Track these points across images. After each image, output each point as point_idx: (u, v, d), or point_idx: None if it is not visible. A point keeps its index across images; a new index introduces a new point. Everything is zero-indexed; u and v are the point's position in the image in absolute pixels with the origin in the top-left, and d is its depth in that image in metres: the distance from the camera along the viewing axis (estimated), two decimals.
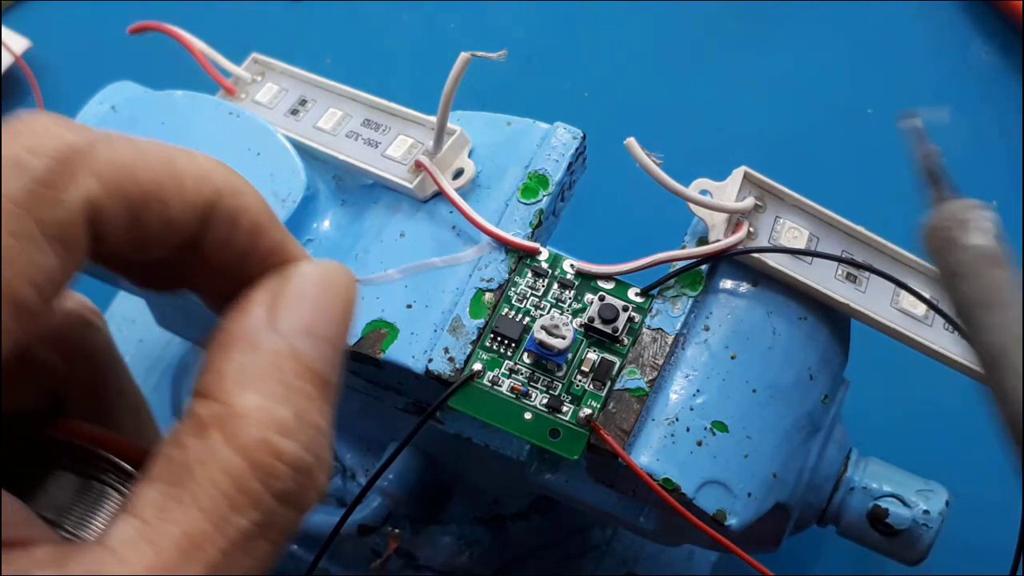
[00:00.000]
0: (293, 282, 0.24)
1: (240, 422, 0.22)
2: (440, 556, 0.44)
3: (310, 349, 0.23)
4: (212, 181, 0.23)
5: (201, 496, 0.21)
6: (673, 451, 0.32)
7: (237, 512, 0.21)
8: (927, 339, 0.34)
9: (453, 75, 0.34)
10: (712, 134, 0.60)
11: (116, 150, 0.22)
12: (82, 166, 0.21)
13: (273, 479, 0.22)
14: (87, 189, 0.21)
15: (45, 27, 0.64)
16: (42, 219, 0.21)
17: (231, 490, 0.22)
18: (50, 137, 0.21)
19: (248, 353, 0.23)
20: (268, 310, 0.24)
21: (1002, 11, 0.63)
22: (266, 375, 0.23)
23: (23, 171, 0.21)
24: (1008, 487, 0.37)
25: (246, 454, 0.22)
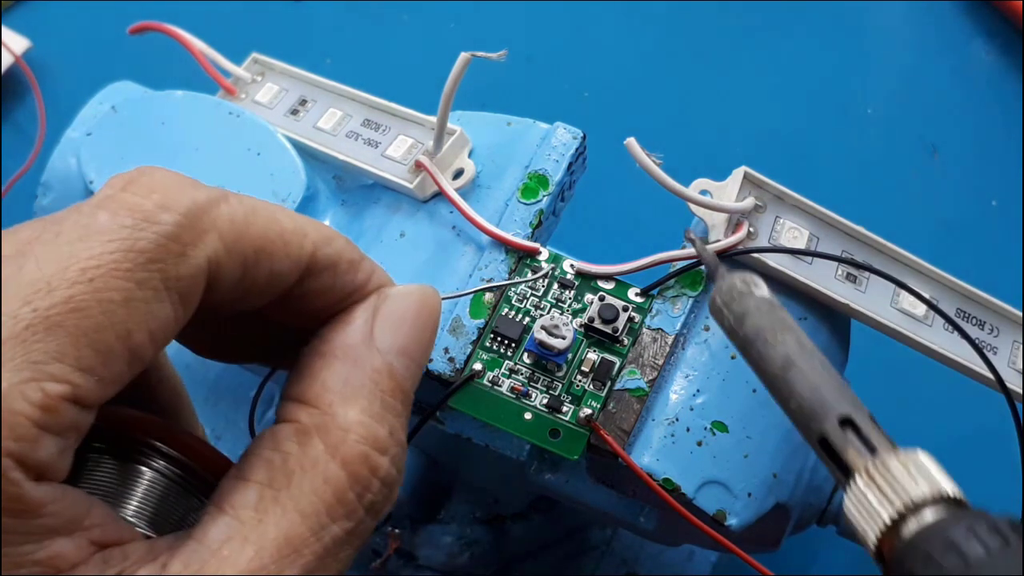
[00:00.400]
0: (393, 303, 0.26)
1: (343, 435, 0.23)
2: (440, 556, 0.44)
3: (403, 369, 0.25)
4: (309, 234, 0.25)
5: (303, 502, 0.22)
6: (673, 451, 0.32)
7: (334, 520, 0.23)
8: (927, 339, 0.34)
9: (453, 75, 0.34)
10: (712, 134, 0.60)
11: (234, 209, 0.23)
12: (208, 224, 0.22)
13: (367, 492, 0.23)
14: (211, 247, 0.22)
15: (45, 27, 0.64)
16: (167, 273, 0.22)
17: (331, 499, 0.23)
18: (180, 194, 0.22)
19: (350, 367, 0.24)
20: (368, 327, 0.25)
21: (1002, 11, 0.63)
22: (366, 391, 0.24)
23: (154, 225, 0.22)
24: (1008, 487, 0.37)
25: (347, 467, 0.23)
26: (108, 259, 0.21)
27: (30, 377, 0.20)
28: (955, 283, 0.36)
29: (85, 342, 0.20)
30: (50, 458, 0.20)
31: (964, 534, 0.20)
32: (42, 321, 0.20)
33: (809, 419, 0.24)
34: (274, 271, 0.24)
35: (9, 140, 0.60)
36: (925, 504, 0.22)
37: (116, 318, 0.21)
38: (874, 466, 0.22)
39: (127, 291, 0.21)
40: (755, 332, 0.26)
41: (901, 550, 0.21)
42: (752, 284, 0.27)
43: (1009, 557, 0.20)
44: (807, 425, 0.24)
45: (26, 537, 0.20)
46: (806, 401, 0.24)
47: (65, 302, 0.20)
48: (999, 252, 0.56)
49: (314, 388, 0.24)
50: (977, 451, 0.49)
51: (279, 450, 0.23)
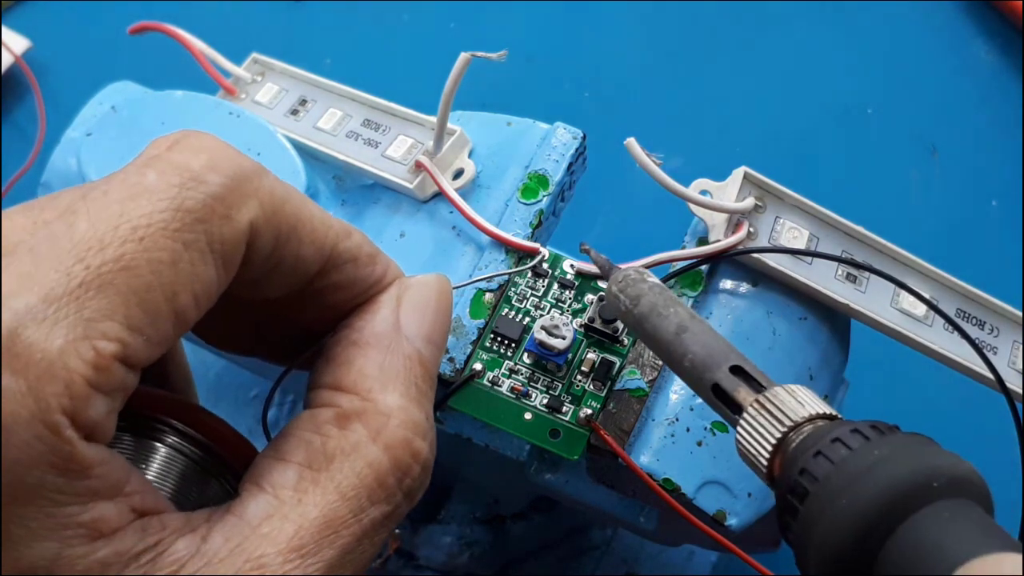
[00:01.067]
0: (415, 292, 0.26)
1: (384, 420, 0.24)
2: (440, 556, 0.44)
3: (430, 355, 0.26)
4: (334, 225, 0.25)
5: (344, 484, 0.23)
6: (673, 451, 0.32)
7: (373, 504, 0.23)
8: (927, 339, 0.34)
9: (453, 75, 0.34)
10: (712, 134, 0.60)
11: (273, 182, 0.23)
12: (250, 191, 0.23)
13: (406, 477, 0.24)
14: (253, 212, 0.22)
15: (45, 27, 0.64)
16: (212, 235, 0.22)
17: (373, 483, 0.23)
18: (226, 157, 0.22)
19: (384, 354, 0.25)
20: (395, 316, 0.25)
21: (1002, 11, 0.63)
22: (402, 377, 0.25)
23: (202, 185, 0.22)
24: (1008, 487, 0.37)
25: (390, 451, 0.23)
26: (158, 218, 0.21)
27: (83, 334, 0.20)
28: (955, 283, 0.36)
29: (135, 301, 0.20)
30: (100, 418, 0.20)
31: (831, 439, 0.23)
32: (95, 279, 0.20)
33: (702, 371, 0.26)
34: (300, 255, 0.24)
35: (9, 140, 0.60)
36: (807, 421, 0.24)
37: (164, 278, 0.21)
38: (764, 396, 0.25)
39: (175, 251, 0.21)
40: (649, 307, 0.28)
41: (786, 464, 0.24)
42: (644, 273, 0.30)
43: (867, 450, 0.22)
44: (700, 377, 0.26)
45: (73, 498, 0.20)
46: (698, 356, 0.27)
47: (116, 260, 0.20)
48: (999, 252, 0.56)
49: (351, 375, 0.24)
50: (977, 451, 0.49)
51: (319, 433, 0.23)
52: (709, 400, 0.27)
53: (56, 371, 0.19)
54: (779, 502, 0.24)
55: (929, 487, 0.21)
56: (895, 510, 0.21)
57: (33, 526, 0.20)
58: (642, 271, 0.30)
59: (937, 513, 0.21)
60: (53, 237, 0.21)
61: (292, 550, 0.22)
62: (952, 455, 0.22)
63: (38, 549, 0.20)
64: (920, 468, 0.21)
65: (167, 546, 0.21)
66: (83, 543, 0.20)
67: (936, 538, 0.20)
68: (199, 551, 0.21)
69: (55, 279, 0.20)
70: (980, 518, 0.21)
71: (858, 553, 0.21)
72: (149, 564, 0.21)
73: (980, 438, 0.49)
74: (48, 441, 0.19)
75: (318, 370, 0.25)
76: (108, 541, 0.21)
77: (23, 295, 0.20)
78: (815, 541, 0.22)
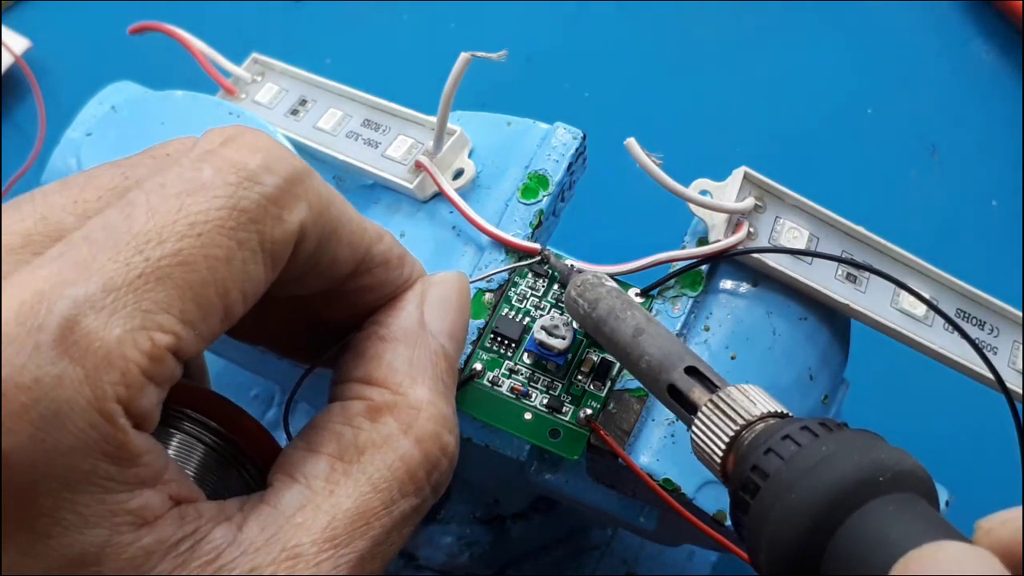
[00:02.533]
0: (438, 288, 0.27)
1: (415, 413, 0.24)
2: (440, 556, 0.44)
3: (453, 351, 0.26)
4: (368, 229, 0.25)
5: (376, 476, 0.23)
6: (673, 451, 0.32)
7: (404, 496, 0.23)
8: (927, 339, 0.34)
9: (453, 75, 0.34)
10: (712, 134, 0.60)
11: (320, 184, 0.24)
12: (302, 192, 0.23)
13: (435, 470, 0.24)
14: (303, 214, 0.23)
15: (45, 27, 0.64)
16: (264, 234, 0.22)
17: (404, 476, 0.23)
18: (281, 158, 0.23)
19: (412, 349, 0.25)
20: (420, 312, 0.26)
21: (1002, 11, 0.63)
22: (430, 372, 0.25)
23: (257, 185, 0.22)
24: (1008, 487, 0.37)
25: (421, 444, 0.24)
26: (215, 215, 0.21)
27: (141, 325, 0.20)
28: (955, 283, 0.36)
29: (190, 295, 0.21)
30: (150, 408, 0.21)
31: (781, 436, 0.23)
32: (154, 271, 0.20)
33: (658, 372, 0.27)
34: (337, 257, 0.24)
35: (9, 140, 0.60)
36: (759, 419, 0.25)
37: (218, 275, 0.21)
38: (717, 396, 0.26)
39: (229, 249, 0.21)
40: (607, 311, 0.29)
41: (739, 461, 0.24)
42: (602, 278, 0.31)
43: (816, 446, 0.23)
44: (656, 378, 0.27)
45: (122, 485, 0.20)
46: (655, 358, 0.27)
47: (175, 254, 0.21)
48: (999, 252, 0.56)
49: (381, 369, 0.25)
50: (977, 451, 0.49)
51: (351, 425, 0.24)
52: (665, 400, 0.27)
53: (113, 360, 0.20)
54: (732, 498, 0.24)
55: (875, 481, 0.21)
56: (842, 504, 0.21)
57: (85, 512, 0.20)
58: (600, 275, 0.31)
59: (883, 506, 0.21)
60: (110, 226, 0.21)
61: (326, 540, 0.22)
62: (898, 450, 0.23)
63: (89, 535, 0.20)
64: (866, 463, 0.22)
65: (204, 534, 0.21)
66: (130, 530, 0.20)
67: (882, 530, 0.21)
68: (235, 540, 0.22)
69: (114, 269, 0.20)
70: (924, 511, 0.21)
71: (807, 546, 0.22)
72: (188, 552, 0.21)
73: (980, 438, 0.49)
74: (102, 429, 0.20)
75: (346, 364, 0.26)
76: (151, 529, 0.21)
77: (82, 283, 0.20)
78: (766, 535, 0.22)
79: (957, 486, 0.38)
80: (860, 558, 0.21)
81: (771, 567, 0.22)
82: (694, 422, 0.26)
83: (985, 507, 0.22)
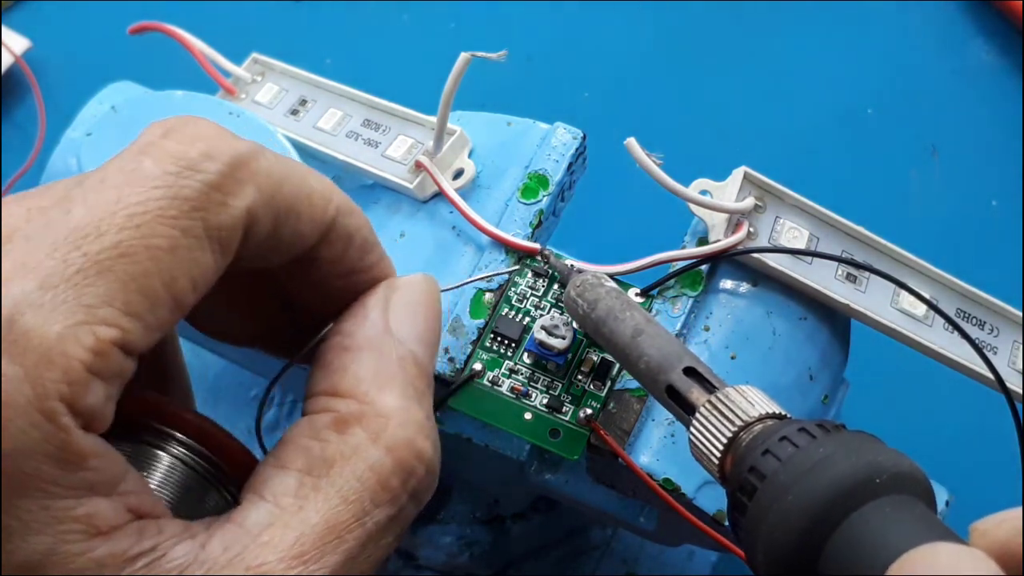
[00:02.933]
0: (404, 292, 0.26)
1: (384, 422, 0.23)
2: (440, 556, 0.44)
3: (424, 356, 0.25)
4: (334, 200, 0.25)
5: (345, 488, 0.22)
6: (673, 451, 0.32)
7: (377, 507, 0.23)
8: (927, 339, 0.34)
9: (453, 75, 0.34)
10: (712, 134, 0.60)
11: (271, 163, 0.23)
12: (247, 176, 0.22)
13: (411, 477, 0.23)
14: (250, 198, 0.22)
15: (45, 27, 0.64)
16: (209, 221, 0.22)
17: (376, 486, 0.23)
18: (223, 144, 0.22)
19: (377, 357, 0.24)
20: (384, 318, 0.25)
21: (1002, 11, 0.63)
22: (398, 379, 0.24)
23: (198, 174, 0.22)
24: (1008, 487, 0.37)
25: (392, 453, 0.23)
26: (154, 205, 0.21)
27: (83, 320, 0.20)
28: (955, 283, 0.36)
29: (133, 287, 0.20)
30: (97, 405, 0.20)
31: (779, 438, 0.23)
32: (93, 265, 0.20)
33: (657, 373, 0.27)
34: (298, 231, 0.24)
35: (9, 140, 0.60)
36: (757, 421, 0.25)
37: (162, 264, 0.21)
38: (715, 397, 0.26)
39: (172, 238, 0.21)
40: (607, 312, 0.29)
41: (736, 462, 0.24)
42: (602, 278, 0.31)
43: (814, 448, 0.23)
44: (655, 379, 0.27)
45: (67, 491, 0.20)
46: (653, 359, 0.27)
47: (114, 247, 0.20)
48: (999, 252, 0.56)
49: (346, 380, 0.24)
50: (977, 451, 0.49)
51: (318, 439, 0.23)
52: (663, 401, 0.27)
53: (54, 357, 0.19)
54: (730, 500, 0.24)
55: (872, 483, 0.22)
56: (839, 505, 0.21)
57: (27, 519, 0.19)
58: (600, 275, 0.31)
59: (880, 508, 0.21)
60: (49, 224, 0.21)
61: (294, 557, 0.21)
62: (895, 452, 0.23)
63: (32, 543, 0.20)
64: (863, 465, 0.22)
65: (165, 551, 0.21)
66: (79, 539, 0.20)
67: (879, 531, 0.21)
68: (197, 558, 0.21)
69: (51, 265, 0.20)
70: (922, 512, 0.21)
71: (804, 548, 0.22)
72: (145, 568, 0.20)
73: (980, 438, 0.49)
74: (44, 429, 0.19)
75: (313, 378, 0.25)
76: (105, 540, 0.20)
77: (19, 281, 0.20)
78: (763, 536, 0.22)
79: (957, 486, 0.38)
80: (857, 560, 0.21)
81: (768, 568, 0.22)
82: (692, 423, 0.26)
83: (985, 507, 0.22)
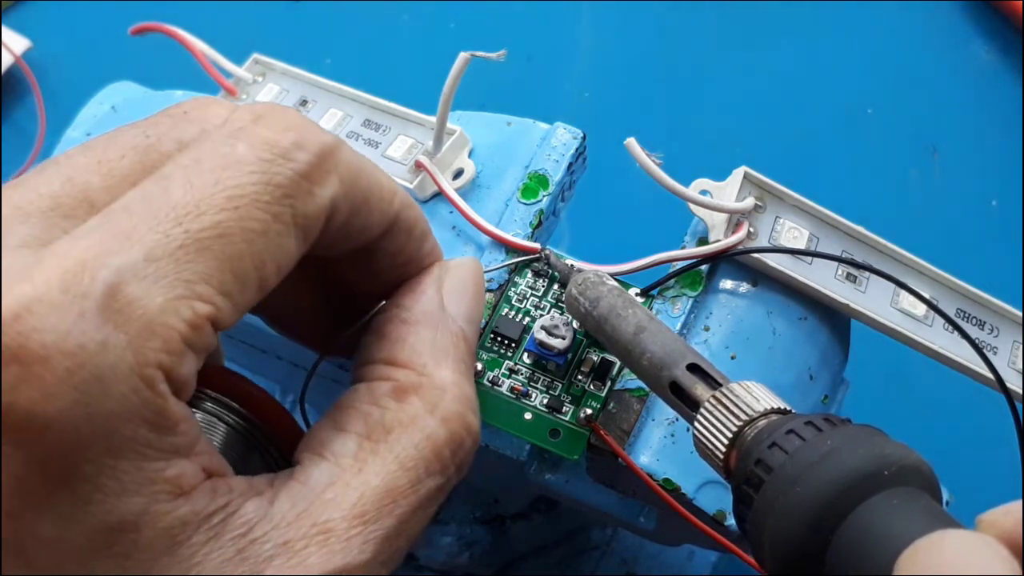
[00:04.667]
0: (455, 273, 0.27)
1: (440, 394, 0.24)
2: (440, 556, 0.44)
3: (471, 333, 0.27)
4: (399, 194, 0.26)
5: (403, 455, 0.23)
6: (673, 451, 0.32)
7: (430, 475, 0.23)
8: (927, 339, 0.34)
9: (452, 75, 0.34)
10: (712, 134, 0.60)
11: (351, 156, 0.24)
12: (332, 167, 0.23)
13: (460, 449, 0.24)
14: (334, 188, 0.23)
15: (45, 27, 0.64)
16: (297, 209, 0.22)
17: (430, 455, 0.24)
18: (312, 134, 0.23)
19: (435, 332, 0.26)
20: (440, 296, 0.26)
21: (1002, 11, 0.63)
22: (451, 354, 0.25)
23: (290, 162, 0.22)
24: (1008, 487, 0.37)
25: (446, 424, 0.24)
26: (251, 190, 0.22)
27: (182, 294, 0.20)
28: (955, 283, 0.36)
29: (228, 267, 0.21)
30: (188, 376, 0.21)
31: (785, 431, 0.23)
32: (193, 242, 0.21)
33: (660, 369, 0.27)
34: (368, 223, 0.25)
35: (9, 140, 0.60)
36: (762, 415, 0.25)
37: (254, 247, 0.22)
38: (720, 392, 0.26)
39: (265, 222, 0.22)
40: (608, 309, 0.29)
41: (742, 456, 0.24)
42: (603, 276, 0.31)
43: (820, 440, 0.23)
44: (658, 375, 0.27)
45: (159, 453, 0.21)
46: (656, 356, 0.28)
47: (213, 227, 0.21)
48: (999, 252, 0.56)
49: (404, 351, 0.25)
50: (977, 451, 0.49)
51: (377, 404, 0.24)
52: (667, 398, 0.27)
53: (156, 327, 0.20)
54: (735, 493, 0.24)
55: (879, 475, 0.22)
56: (847, 497, 0.21)
57: (125, 479, 0.20)
58: (601, 274, 0.31)
59: (887, 500, 0.21)
60: (149, 198, 0.21)
61: (355, 516, 0.22)
62: (902, 445, 0.23)
63: (128, 503, 0.20)
64: (871, 457, 0.22)
65: (236, 507, 0.22)
66: (167, 499, 0.21)
67: (887, 523, 0.21)
68: (267, 514, 0.22)
69: (155, 239, 0.20)
70: (928, 505, 0.21)
71: (811, 539, 0.22)
72: (220, 524, 0.21)
73: (980, 438, 0.49)
74: (144, 395, 0.20)
75: (370, 346, 0.26)
76: (187, 499, 0.21)
77: (124, 252, 0.20)
78: (770, 529, 0.22)
79: (957, 486, 0.38)
80: (865, 551, 0.21)
81: (775, 561, 0.22)
82: (696, 418, 0.26)
83: (985, 507, 0.22)
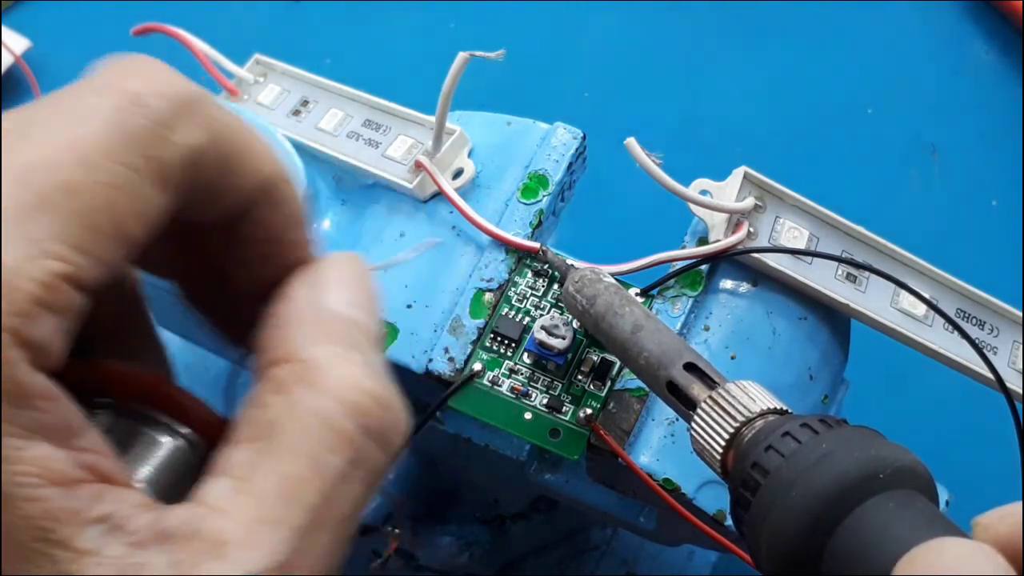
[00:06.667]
0: (330, 270, 0.25)
1: (323, 371, 0.23)
2: (440, 556, 0.44)
3: (355, 314, 0.24)
4: (273, 161, 0.24)
5: (293, 442, 0.22)
6: (673, 451, 0.32)
7: (331, 452, 0.22)
8: (927, 339, 0.35)
9: (451, 75, 0.34)
10: (712, 134, 0.60)
11: (219, 110, 0.23)
12: (195, 115, 0.22)
13: (362, 415, 0.22)
14: (195, 138, 0.22)
15: (45, 27, 0.64)
16: (152, 157, 0.22)
17: (323, 430, 0.22)
18: (170, 82, 0.22)
19: (307, 324, 0.24)
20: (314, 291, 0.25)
21: (1002, 11, 0.63)
22: (333, 332, 0.24)
23: (144, 109, 0.22)
24: (1008, 487, 0.37)
25: (334, 395, 0.22)
26: (101, 141, 0.21)
27: (28, 254, 0.20)
28: (955, 283, 0.36)
29: (81, 223, 0.20)
30: (46, 338, 0.20)
31: (781, 433, 0.23)
32: (42, 202, 0.20)
33: (657, 368, 0.27)
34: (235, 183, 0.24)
35: None
36: (759, 416, 0.25)
37: (109, 200, 0.21)
38: (717, 393, 0.26)
39: (117, 174, 0.21)
40: (606, 307, 0.29)
41: (739, 458, 0.24)
42: (600, 273, 0.31)
43: (816, 443, 0.23)
44: (655, 374, 0.27)
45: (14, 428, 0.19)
46: (653, 355, 0.28)
47: (63, 184, 0.20)
48: (999, 252, 0.56)
49: (281, 349, 0.24)
50: (977, 451, 0.49)
51: (260, 406, 0.23)
52: (664, 396, 0.27)
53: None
54: (732, 495, 0.24)
55: (875, 478, 0.22)
56: (843, 500, 0.21)
57: None
58: (598, 271, 0.31)
59: (883, 503, 0.21)
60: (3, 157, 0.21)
61: (253, 521, 0.21)
62: (898, 447, 0.23)
63: None
64: (867, 459, 0.22)
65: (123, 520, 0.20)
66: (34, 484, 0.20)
67: (882, 526, 0.21)
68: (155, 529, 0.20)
69: None
70: (925, 507, 0.21)
71: (808, 543, 0.22)
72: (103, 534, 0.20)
73: (980, 438, 0.49)
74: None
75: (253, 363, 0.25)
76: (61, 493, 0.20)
77: None
78: (766, 532, 0.22)
79: (957, 486, 0.38)
80: (861, 555, 0.21)
81: (772, 564, 0.22)
82: (693, 418, 0.26)
83: (984, 507, 0.22)
